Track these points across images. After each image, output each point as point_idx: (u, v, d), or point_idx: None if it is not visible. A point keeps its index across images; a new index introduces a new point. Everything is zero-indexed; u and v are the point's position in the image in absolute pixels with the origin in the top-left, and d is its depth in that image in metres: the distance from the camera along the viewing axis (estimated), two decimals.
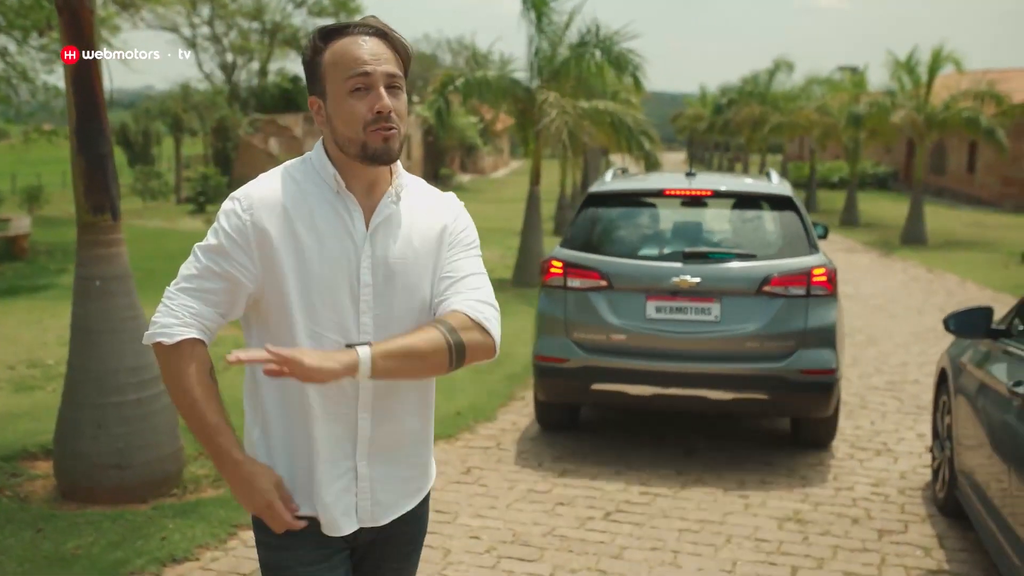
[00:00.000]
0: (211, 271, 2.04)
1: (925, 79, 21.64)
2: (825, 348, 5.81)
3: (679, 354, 5.86)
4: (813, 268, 5.87)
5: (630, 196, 6.68)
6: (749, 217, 6.51)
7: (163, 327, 2.02)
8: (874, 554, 4.66)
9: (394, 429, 2.14)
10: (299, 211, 2.05)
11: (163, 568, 4.29)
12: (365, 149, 2.02)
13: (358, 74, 2.00)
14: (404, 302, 2.10)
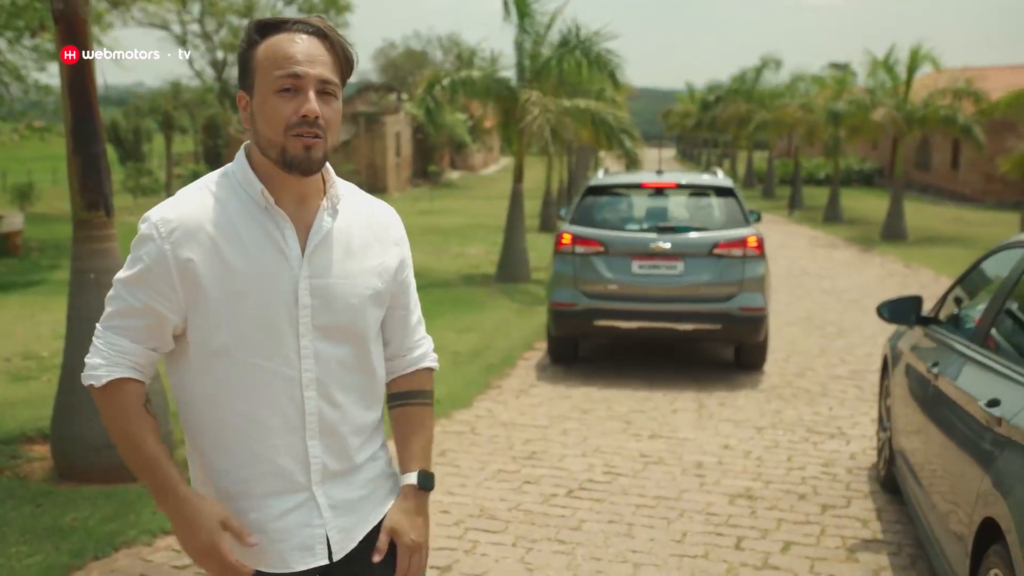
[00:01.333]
0: (132, 307, 1.92)
1: (904, 77, 22.01)
2: (757, 292, 8.16)
3: (655, 298, 8.21)
4: (747, 236, 8.28)
5: (617, 187, 9.19)
6: (702, 202, 9.06)
7: (91, 369, 1.92)
8: (815, 526, 5.02)
9: (345, 457, 2.04)
10: (224, 233, 1.90)
11: (154, 538, 4.63)
12: (284, 154, 1.88)
13: (288, 74, 1.87)
14: (346, 320, 1.99)
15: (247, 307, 1.90)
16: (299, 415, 1.96)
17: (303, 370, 1.95)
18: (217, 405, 1.95)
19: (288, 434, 1.96)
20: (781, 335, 10.59)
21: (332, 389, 1.99)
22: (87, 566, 4.31)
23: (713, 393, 7.93)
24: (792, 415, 7.26)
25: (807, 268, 16.77)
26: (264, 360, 1.92)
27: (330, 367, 1.98)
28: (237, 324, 1.90)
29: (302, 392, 1.96)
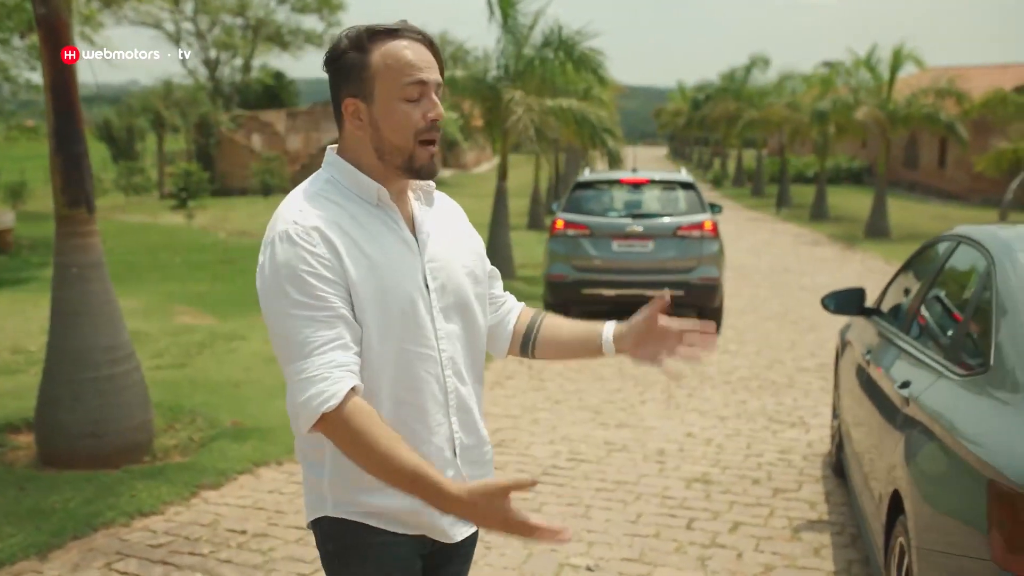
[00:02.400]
0: (320, 319, 1.86)
1: (887, 77, 22.27)
2: (712, 266, 10.24)
3: (631, 271, 10.27)
4: (704, 221, 10.39)
5: (600, 183, 11.32)
6: (668, 194, 11.17)
7: (319, 395, 1.82)
8: (765, 508, 5.25)
9: (474, 432, 2.12)
10: (356, 230, 1.95)
11: (131, 520, 4.85)
12: (412, 161, 1.97)
13: (415, 81, 1.93)
14: (462, 300, 2.09)
15: (393, 296, 1.94)
16: (443, 393, 2.03)
17: (441, 350, 2.02)
18: (378, 395, 1.95)
19: (438, 413, 2.02)
20: (756, 330, 10.84)
21: (461, 367, 2.08)
22: (66, 545, 4.53)
23: (683, 385, 8.16)
24: (756, 405, 7.50)
25: (789, 265, 17.01)
26: (413, 345, 1.97)
27: (456, 346, 2.07)
28: (387, 314, 1.93)
29: (443, 371, 2.03)
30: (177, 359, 8.73)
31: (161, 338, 9.71)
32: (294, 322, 1.85)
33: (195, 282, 13.68)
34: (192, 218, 22.10)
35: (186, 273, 14.43)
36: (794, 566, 4.48)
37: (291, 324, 1.86)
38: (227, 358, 8.82)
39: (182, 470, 5.56)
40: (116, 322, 5.80)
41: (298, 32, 50.75)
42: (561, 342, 2.28)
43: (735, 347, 9.85)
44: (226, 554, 4.49)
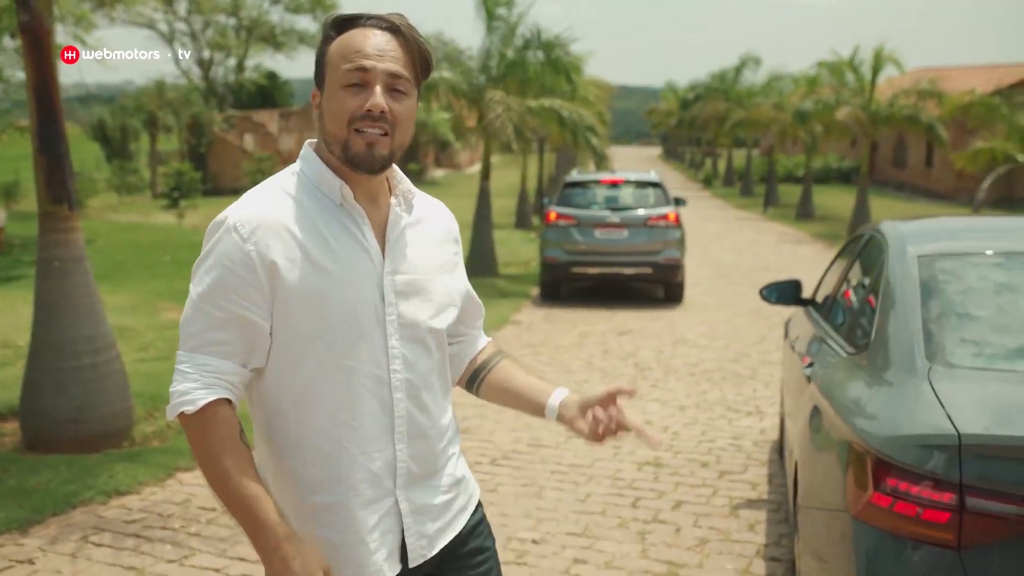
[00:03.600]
0: (218, 319, 1.79)
1: (869, 78, 22.60)
2: (675, 249, 12.44)
3: (610, 253, 12.49)
4: (668, 213, 12.59)
5: (586, 182, 13.50)
6: (640, 191, 13.21)
7: (182, 395, 1.78)
8: (709, 488, 5.56)
9: (429, 461, 1.98)
10: (306, 230, 1.83)
11: (108, 499, 5.15)
12: (346, 150, 1.83)
13: (356, 67, 1.81)
14: (425, 318, 1.94)
15: (337, 306, 1.82)
16: (388, 417, 1.88)
17: (392, 371, 1.88)
18: (309, 412, 1.84)
19: (379, 438, 1.88)
20: (728, 324, 11.15)
21: (420, 390, 1.93)
22: (46, 520, 4.83)
23: (649, 377, 8.47)
24: (716, 395, 7.80)
25: (769, 263, 17.32)
26: (355, 361, 1.84)
27: (416, 367, 1.93)
28: (327, 325, 1.81)
29: (392, 394, 1.89)
30: (161, 352, 9.02)
31: (146, 333, 10.01)
32: (195, 310, 1.81)
33: (182, 280, 13.94)
34: (182, 217, 22.36)
35: (173, 271, 14.71)
36: (728, 540, 4.78)
37: (192, 310, 1.81)
38: None
39: (159, 454, 5.86)
40: (97, 314, 6.09)
41: (292, 32, 50.95)
42: (509, 391, 2.16)
43: (705, 342, 10.16)
44: (195, 528, 4.79)
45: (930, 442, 2.49)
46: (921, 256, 3.45)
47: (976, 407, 2.63)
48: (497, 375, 2.18)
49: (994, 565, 2.40)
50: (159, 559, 4.41)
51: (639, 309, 12.37)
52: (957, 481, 2.42)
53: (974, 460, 2.43)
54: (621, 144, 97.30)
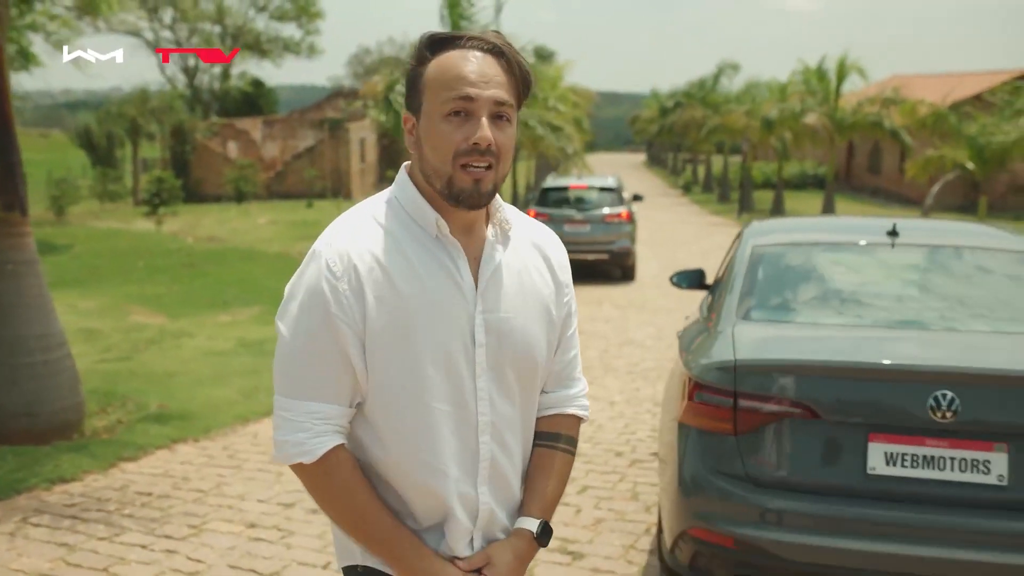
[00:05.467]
0: (317, 361, 1.74)
1: (834, 86, 23.13)
2: (627, 240, 15.50)
3: (576, 243, 14.97)
4: (621, 211, 15.47)
5: (558, 187, 16.26)
6: (600, 195, 15.93)
7: (296, 445, 1.73)
8: (617, 475, 5.96)
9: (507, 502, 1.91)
10: (399, 265, 1.74)
11: (52, 485, 5.53)
12: (450, 186, 1.73)
13: (460, 96, 1.70)
14: (517, 362, 1.85)
15: (425, 345, 1.74)
16: (473, 461, 1.82)
17: (479, 413, 1.80)
18: (396, 453, 1.78)
19: (462, 481, 1.80)
20: (677, 327, 11.55)
21: (505, 433, 1.85)
22: None
23: (587, 375, 8.86)
24: (648, 392, 8.21)
25: None
26: (440, 403, 1.76)
27: (503, 410, 1.84)
28: (414, 364, 1.74)
29: (477, 437, 1.81)
30: (123, 353, 9.39)
31: (112, 335, 10.37)
32: (292, 352, 1.75)
33: (154, 284, 14.33)
34: (161, 224, 22.69)
35: (146, 276, 15.07)
36: (622, 519, 5.18)
37: (289, 352, 1.76)
38: (171, 352, 9.47)
39: (105, 445, 6.24)
40: (48, 313, 6.46)
41: (277, 40, 51.49)
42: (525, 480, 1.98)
43: (651, 343, 10.57)
44: (129, 511, 5.18)
45: (718, 366, 3.59)
46: (755, 246, 4.51)
47: (751, 344, 3.71)
48: (534, 458, 1.97)
49: (756, 443, 3.50)
50: (91, 537, 4.79)
51: (595, 308, 12.77)
52: (732, 391, 3.51)
53: (743, 376, 3.51)
54: (610, 151, 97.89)
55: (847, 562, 3.34)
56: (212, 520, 5.08)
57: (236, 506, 5.29)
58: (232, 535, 4.87)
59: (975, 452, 3.35)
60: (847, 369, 3.50)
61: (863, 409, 3.44)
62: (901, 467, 3.38)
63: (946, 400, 3.30)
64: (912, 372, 3.42)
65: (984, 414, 3.34)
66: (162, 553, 4.61)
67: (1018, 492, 3.30)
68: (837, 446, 3.43)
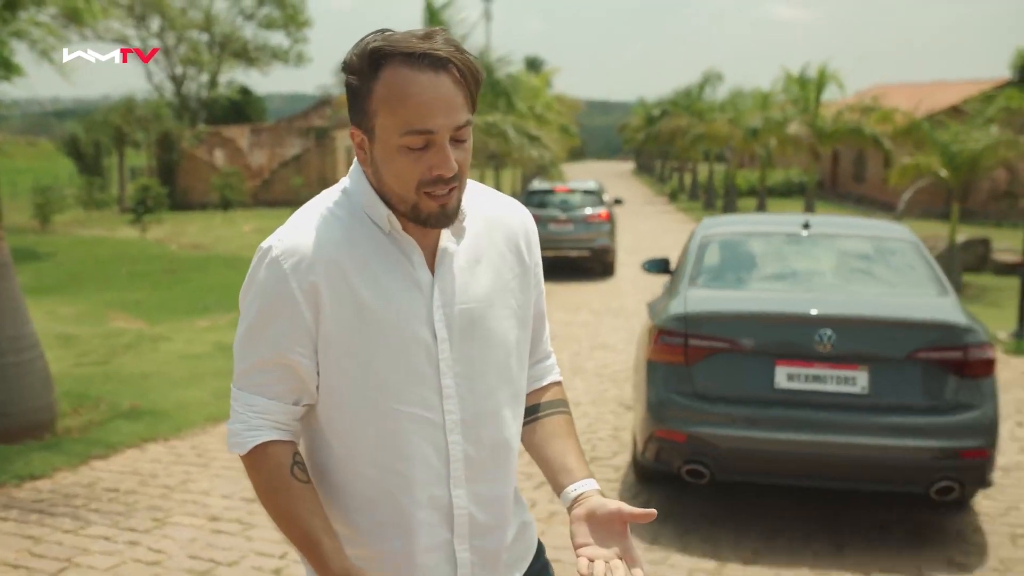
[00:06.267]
0: (263, 358, 1.70)
1: (814, 94, 23.40)
2: (607, 238, 16.69)
3: (560, 241, 16.53)
4: (601, 212, 16.65)
5: (543, 190, 17.49)
6: (582, 196, 17.10)
7: (233, 436, 1.73)
8: None
9: (494, 506, 1.81)
10: (353, 262, 1.69)
11: (22, 482, 5.67)
12: (416, 212, 1.67)
13: (420, 131, 1.60)
14: (485, 352, 1.77)
15: (384, 346, 1.69)
16: (443, 463, 1.73)
17: (446, 411, 1.73)
18: (356, 459, 1.74)
19: (433, 485, 1.73)
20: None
21: (480, 430, 1.76)
22: None
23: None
24: (614, 394, 8.38)
25: None
26: (404, 405, 1.70)
27: (478, 406, 1.76)
28: (373, 366, 1.69)
29: (446, 437, 1.73)
30: (101, 357, 9.52)
31: (91, 340, 10.50)
32: (241, 345, 1.73)
33: (134, 290, 14.46)
34: (145, 231, 22.81)
35: (128, 282, 15.20)
36: None
37: (239, 345, 1.74)
38: (147, 356, 9.61)
39: (76, 444, 6.38)
40: (21, 315, 6.61)
41: (265, 48, 51.56)
42: (540, 454, 1.90)
43: (623, 346, 10.73)
44: (96, 505, 5.32)
45: (675, 317, 5.20)
46: (703, 236, 6.17)
47: (698, 302, 5.34)
48: (539, 430, 1.92)
49: (701, 369, 5.08)
50: (57, 529, 4.94)
51: (572, 314, 12.94)
52: (684, 333, 5.11)
53: (692, 323, 5.13)
54: (600, 160, 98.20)
55: (760, 447, 4.97)
56: (176, 514, 5.23)
57: (200, 501, 5.45)
58: (194, 528, 5.02)
59: (846, 371, 4.95)
60: (762, 316, 5.22)
61: (772, 344, 5.05)
62: (797, 382, 4.99)
63: (827, 336, 4.92)
64: (804, 318, 5.04)
65: (852, 346, 4.94)
66: (125, 544, 4.76)
67: (875, 398, 4.90)
68: (754, 369, 5.04)
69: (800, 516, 5.45)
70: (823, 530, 5.21)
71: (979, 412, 4.87)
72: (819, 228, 6.16)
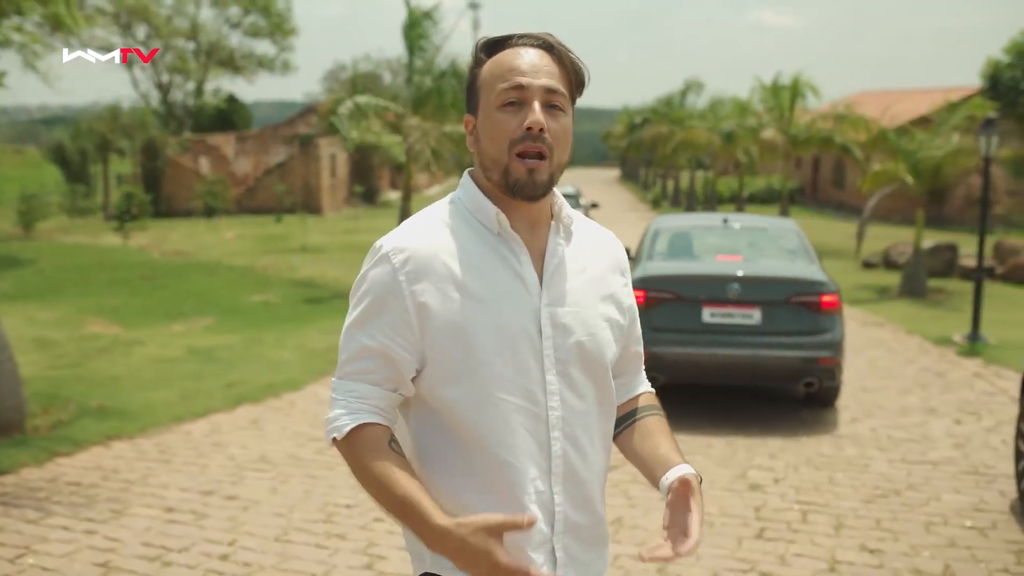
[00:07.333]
0: (367, 347, 1.77)
1: (788, 102, 23.80)
2: None
3: None
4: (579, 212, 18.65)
5: None
6: None
7: (331, 421, 1.77)
8: None
9: (587, 508, 1.86)
10: (460, 261, 1.77)
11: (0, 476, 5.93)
12: (506, 176, 1.76)
13: (512, 86, 1.75)
14: (585, 356, 1.83)
15: (490, 339, 1.75)
16: (546, 459, 1.79)
17: (549, 408, 1.79)
18: (462, 447, 1.78)
19: (538, 480, 1.78)
20: None
21: (576, 430, 1.82)
22: None
23: None
24: None
25: None
26: (510, 396, 1.76)
27: (574, 405, 1.82)
28: (480, 358, 1.74)
29: (548, 433, 1.79)
30: (74, 360, 9.77)
31: (66, 344, 10.75)
32: (346, 337, 1.81)
33: (113, 296, 14.70)
34: (128, 238, 23.03)
35: (107, 289, 15.44)
36: None
37: (344, 338, 1.82)
38: (120, 360, 9.86)
39: (43, 441, 6.64)
40: None
41: (251, 57, 51.85)
42: (637, 454, 1.97)
43: None
44: (58, 498, 5.58)
45: (638, 278, 7.55)
46: (655, 228, 8.89)
47: (652, 268, 7.93)
48: (635, 432, 1.99)
49: (655, 312, 7.52)
50: (18, 520, 5.19)
51: None
52: (644, 288, 7.52)
53: (649, 281, 7.65)
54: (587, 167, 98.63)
55: (694, 359, 7.59)
56: (134, 506, 5.49)
57: (158, 494, 5.71)
58: (150, 518, 5.28)
59: (747, 310, 7.62)
60: (694, 277, 7.89)
61: (700, 294, 7.67)
62: (716, 318, 7.64)
63: (735, 288, 7.59)
64: (721, 277, 7.72)
65: (750, 294, 7.60)
66: (82, 533, 5.02)
67: (764, 327, 7.58)
68: (689, 311, 7.66)
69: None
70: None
71: (830, 335, 7.54)
72: (733, 222, 8.98)
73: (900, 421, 7.78)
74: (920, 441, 7.16)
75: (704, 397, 8.56)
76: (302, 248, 22.25)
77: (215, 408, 7.84)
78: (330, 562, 4.73)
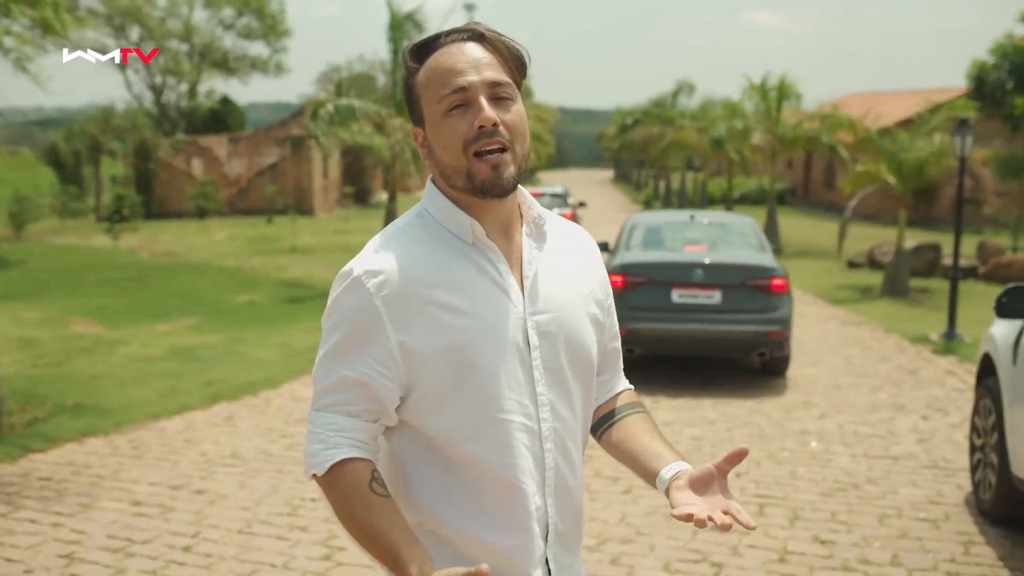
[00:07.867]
0: (345, 378, 1.67)
1: (775, 104, 23.92)
2: None
3: None
4: (565, 213, 20.61)
5: None
6: (552, 199, 23.56)
7: (310, 457, 1.69)
8: None
9: (572, 516, 1.82)
10: (437, 277, 1.68)
11: None
12: (471, 179, 1.67)
13: (453, 90, 1.66)
14: (573, 360, 1.78)
15: (481, 355, 1.67)
16: (540, 472, 1.73)
17: (541, 420, 1.73)
18: (460, 474, 1.71)
19: (536, 495, 1.73)
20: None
21: (565, 439, 1.78)
22: None
23: None
24: None
25: None
26: (509, 415, 1.69)
27: (563, 415, 1.77)
28: (471, 377, 1.67)
29: (542, 445, 1.73)
30: (56, 359, 9.86)
31: (49, 343, 10.83)
32: (321, 368, 1.72)
33: (99, 296, 14.78)
34: (118, 240, 23.11)
35: (94, 289, 15.52)
36: None
37: (318, 369, 1.72)
38: (101, 359, 9.95)
39: (18, 437, 6.74)
40: None
41: (244, 58, 51.97)
42: (627, 451, 1.90)
43: None
44: (29, 492, 5.69)
45: (617, 264, 9.09)
46: (631, 222, 10.38)
47: (629, 256, 9.40)
48: (622, 430, 1.93)
49: (632, 294, 8.85)
50: None
51: None
52: (623, 274, 8.92)
53: (626, 268, 9.02)
54: (581, 168, 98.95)
55: (665, 334, 8.87)
56: (102, 500, 5.59)
57: (128, 488, 5.81)
58: (117, 512, 5.39)
59: (709, 292, 8.89)
60: (664, 264, 9.15)
61: (670, 277, 8.93)
62: (684, 299, 8.89)
63: (699, 273, 8.87)
64: (687, 263, 9.01)
65: (712, 278, 8.88)
66: (49, 526, 5.13)
67: (724, 306, 8.83)
68: (660, 292, 8.91)
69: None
70: None
71: (779, 312, 8.85)
72: (699, 218, 10.58)
73: (867, 417, 7.89)
74: (885, 436, 7.27)
75: (673, 393, 8.68)
76: (292, 249, 22.35)
77: (192, 406, 7.93)
78: (290, 553, 4.84)
